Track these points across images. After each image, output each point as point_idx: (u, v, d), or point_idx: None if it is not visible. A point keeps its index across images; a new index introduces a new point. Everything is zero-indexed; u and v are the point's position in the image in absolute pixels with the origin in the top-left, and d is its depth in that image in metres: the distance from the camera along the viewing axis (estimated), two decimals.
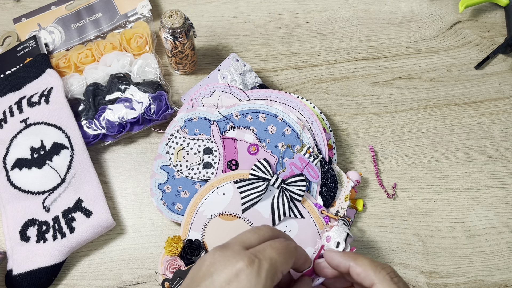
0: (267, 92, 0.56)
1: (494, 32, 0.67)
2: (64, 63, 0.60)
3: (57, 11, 0.64)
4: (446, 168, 0.59)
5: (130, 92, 0.58)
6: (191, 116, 0.55)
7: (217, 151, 0.54)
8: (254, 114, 0.55)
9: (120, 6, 0.64)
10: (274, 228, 0.40)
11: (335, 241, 0.43)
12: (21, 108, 0.56)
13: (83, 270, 0.53)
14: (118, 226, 0.55)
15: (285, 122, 0.54)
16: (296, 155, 0.53)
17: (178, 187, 0.53)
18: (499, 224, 0.56)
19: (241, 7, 0.68)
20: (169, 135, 0.55)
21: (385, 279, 0.36)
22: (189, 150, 0.54)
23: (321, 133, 0.54)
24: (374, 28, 0.67)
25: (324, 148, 0.54)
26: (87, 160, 0.55)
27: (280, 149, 0.54)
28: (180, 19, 0.54)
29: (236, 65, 0.58)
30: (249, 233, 0.38)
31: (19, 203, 0.53)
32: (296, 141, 0.53)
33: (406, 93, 0.63)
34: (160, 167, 0.54)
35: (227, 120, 0.54)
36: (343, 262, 0.39)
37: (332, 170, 0.53)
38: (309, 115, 0.55)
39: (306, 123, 0.54)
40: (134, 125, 0.58)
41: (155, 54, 0.61)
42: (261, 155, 0.53)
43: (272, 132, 0.54)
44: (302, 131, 0.53)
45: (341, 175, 0.54)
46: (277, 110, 0.54)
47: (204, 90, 0.56)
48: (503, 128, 0.61)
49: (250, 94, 0.56)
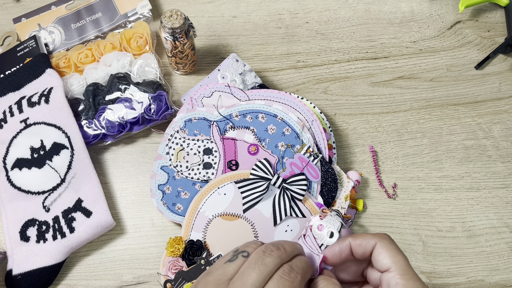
0: (267, 92, 0.56)
1: (494, 32, 0.67)
2: (64, 63, 0.60)
3: (57, 11, 0.64)
4: (446, 168, 0.59)
5: (130, 92, 0.58)
6: (190, 117, 0.55)
7: (217, 152, 0.54)
8: (253, 114, 0.55)
9: (120, 6, 0.64)
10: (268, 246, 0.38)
11: (329, 231, 0.42)
12: (21, 108, 0.56)
13: (83, 270, 0.53)
14: (118, 226, 0.55)
15: (285, 122, 0.54)
16: (296, 154, 0.53)
17: (179, 187, 0.53)
18: (499, 224, 0.56)
19: (241, 7, 0.68)
20: (169, 135, 0.55)
21: (385, 237, 0.37)
22: (189, 151, 0.54)
23: (321, 133, 0.54)
24: (374, 28, 0.67)
25: (324, 148, 0.54)
26: (87, 160, 0.55)
27: (280, 149, 0.54)
28: (180, 19, 0.54)
29: (236, 65, 0.58)
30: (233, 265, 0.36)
31: (19, 203, 0.53)
32: (296, 140, 0.53)
33: (406, 93, 0.63)
34: (160, 167, 0.54)
35: (227, 120, 0.54)
36: (343, 246, 0.38)
37: (332, 170, 0.53)
38: (309, 115, 0.55)
39: (306, 123, 0.54)
40: (134, 125, 0.58)
41: (155, 54, 0.61)
42: (261, 155, 0.53)
43: (272, 132, 0.54)
44: (302, 131, 0.53)
45: (341, 175, 0.54)
46: (277, 110, 0.54)
47: (204, 90, 0.56)
48: (503, 128, 0.61)
49: (250, 94, 0.56)
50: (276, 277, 0.33)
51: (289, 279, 0.33)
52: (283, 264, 0.34)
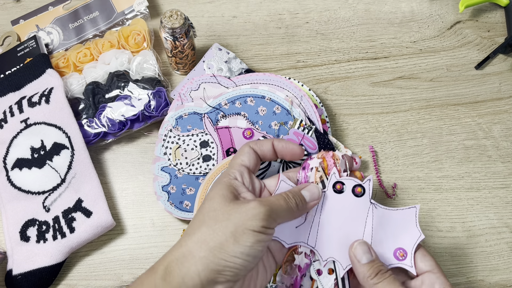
0: (253, 75, 0.56)
1: (494, 32, 0.67)
2: (63, 63, 0.60)
3: (54, 12, 0.64)
4: (446, 168, 0.59)
5: (129, 89, 0.58)
6: (181, 113, 0.55)
7: (213, 143, 0.54)
8: (242, 99, 0.55)
9: (117, 4, 0.64)
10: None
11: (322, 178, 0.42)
12: (21, 108, 0.56)
13: (83, 270, 0.53)
14: (118, 226, 0.55)
15: (273, 101, 0.54)
16: (290, 130, 0.53)
17: (183, 185, 0.53)
18: (499, 224, 0.56)
19: (241, 7, 0.68)
20: (163, 136, 0.55)
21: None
22: (186, 147, 0.54)
23: (311, 106, 0.55)
24: (374, 28, 0.67)
25: (317, 121, 0.54)
26: (87, 160, 0.55)
27: (274, 128, 0.54)
28: (180, 19, 0.54)
29: (220, 54, 0.58)
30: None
31: (19, 203, 0.53)
32: (288, 117, 0.54)
33: (406, 93, 0.63)
34: (161, 169, 0.54)
35: (217, 110, 0.55)
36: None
37: (328, 140, 0.54)
38: (296, 91, 0.55)
39: (294, 99, 0.54)
40: (134, 122, 0.58)
41: (153, 51, 0.61)
42: (257, 137, 0.54)
43: (263, 113, 0.54)
44: (291, 107, 0.53)
45: (338, 145, 0.55)
46: (264, 91, 0.54)
47: (191, 84, 0.56)
48: (503, 128, 0.61)
49: (236, 81, 0.56)
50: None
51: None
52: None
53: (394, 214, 0.40)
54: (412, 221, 0.40)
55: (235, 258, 0.34)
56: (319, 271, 0.41)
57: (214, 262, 0.34)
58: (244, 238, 0.34)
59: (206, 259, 0.34)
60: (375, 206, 0.40)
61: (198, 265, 0.34)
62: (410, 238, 0.40)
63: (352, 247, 0.39)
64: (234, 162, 0.41)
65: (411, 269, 0.39)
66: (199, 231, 0.35)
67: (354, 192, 0.40)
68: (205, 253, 0.34)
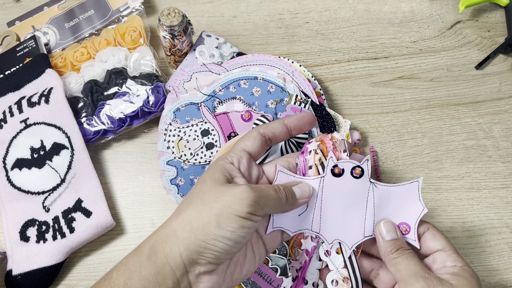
0: (242, 58, 0.56)
1: (495, 32, 0.67)
2: (61, 63, 0.60)
3: (49, 12, 0.64)
4: (446, 168, 0.58)
5: (127, 86, 0.58)
6: (177, 106, 0.55)
7: (214, 130, 0.54)
8: (235, 83, 0.55)
9: (112, 1, 0.64)
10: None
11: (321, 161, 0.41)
12: (21, 108, 0.56)
13: (83, 270, 0.53)
14: (118, 226, 0.55)
15: (266, 80, 0.54)
16: (287, 106, 0.53)
17: (190, 175, 0.54)
18: (499, 224, 0.56)
19: (241, 7, 0.68)
20: (164, 130, 0.55)
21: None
22: (188, 138, 0.54)
23: (304, 81, 0.55)
24: (374, 28, 0.67)
25: (312, 94, 0.55)
26: (87, 160, 0.54)
27: (271, 107, 0.54)
28: (178, 17, 0.54)
29: (209, 40, 0.59)
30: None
31: (19, 203, 0.53)
32: (283, 94, 0.54)
33: (406, 93, 0.63)
34: (166, 163, 0.54)
35: (213, 97, 0.55)
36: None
37: (326, 110, 0.54)
38: (287, 68, 0.55)
39: (286, 76, 0.55)
40: (134, 119, 0.57)
41: (150, 47, 0.61)
42: (255, 118, 0.54)
43: (258, 94, 0.54)
44: (285, 83, 0.53)
45: (336, 117, 0.55)
46: (255, 72, 0.55)
47: (183, 76, 0.56)
48: (504, 128, 0.61)
49: (227, 66, 0.56)
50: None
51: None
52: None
53: (396, 190, 0.40)
54: (415, 196, 0.40)
55: (216, 241, 0.34)
56: (328, 252, 0.42)
57: (195, 243, 0.34)
58: (227, 222, 0.34)
59: (188, 240, 0.34)
60: (375, 185, 0.40)
61: (180, 245, 0.34)
62: (413, 213, 0.40)
63: (379, 225, 0.40)
64: (236, 147, 0.41)
65: (415, 243, 0.40)
66: (185, 212, 0.35)
67: (352, 174, 0.40)
68: (187, 233, 0.34)
